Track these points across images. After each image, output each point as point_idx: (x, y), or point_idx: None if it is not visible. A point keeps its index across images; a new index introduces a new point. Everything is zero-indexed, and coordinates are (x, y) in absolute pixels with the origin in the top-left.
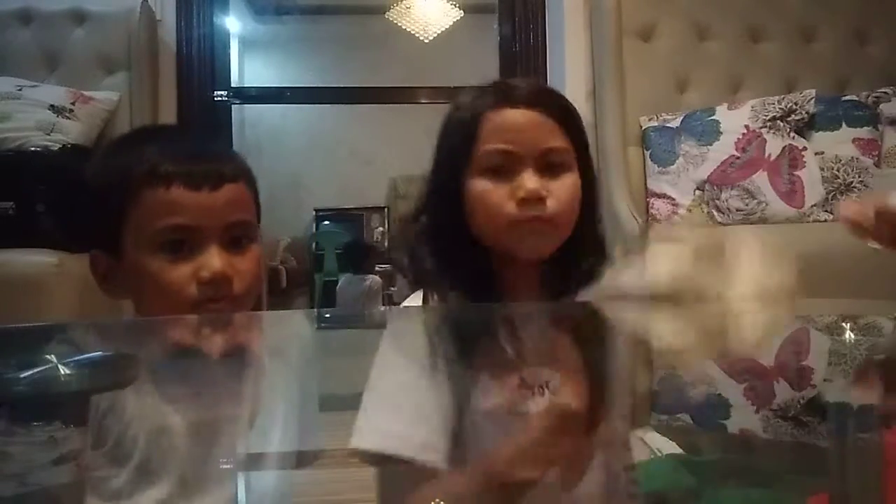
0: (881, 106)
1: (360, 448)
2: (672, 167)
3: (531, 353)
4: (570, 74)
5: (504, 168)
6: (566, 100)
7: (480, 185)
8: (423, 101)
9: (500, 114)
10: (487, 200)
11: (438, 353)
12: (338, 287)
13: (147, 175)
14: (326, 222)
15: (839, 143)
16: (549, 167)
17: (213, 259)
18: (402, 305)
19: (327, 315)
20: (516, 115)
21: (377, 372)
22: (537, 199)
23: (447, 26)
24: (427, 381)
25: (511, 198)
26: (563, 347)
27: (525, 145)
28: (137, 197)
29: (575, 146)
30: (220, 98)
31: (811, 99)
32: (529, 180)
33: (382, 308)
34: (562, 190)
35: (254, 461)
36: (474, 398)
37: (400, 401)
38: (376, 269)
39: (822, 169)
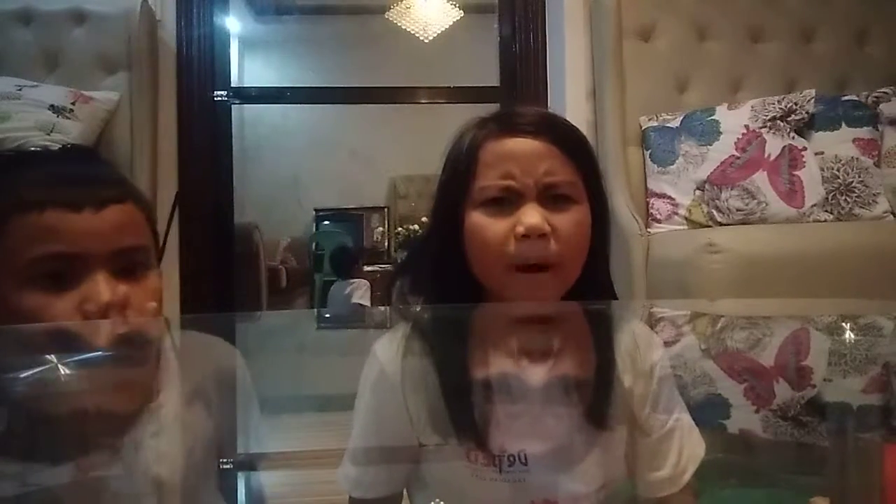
0: (881, 106)
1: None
2: (672, 167)
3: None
4: (570, 74)
5: (504, 201)
6: (575, 128)
7: (478, 220)
8: (423, 101)
9: (500, 143)
10: (485, 236)
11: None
12: (328, 295)
13: (14, 202)
14: (326, 222)
15: (839, 143)
16: (554, 200)
17: (100, 288)
18: (376, 346)
19: (327, 315)
20: (517, 144)
21: (356, 405)
22: (539, 236)
23: (447, 26)
24: (392, 419)
25: (510, 234)
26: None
27: (526, 176)
28: (2, 227)
29: (585, 178)
30: (220, 98)
31: (811, 99)
32: (530, 214)
33: (382, 308)
34: (568, 225)
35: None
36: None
37: (368, 441)
38: (376, 269)
39: (822, 169)
